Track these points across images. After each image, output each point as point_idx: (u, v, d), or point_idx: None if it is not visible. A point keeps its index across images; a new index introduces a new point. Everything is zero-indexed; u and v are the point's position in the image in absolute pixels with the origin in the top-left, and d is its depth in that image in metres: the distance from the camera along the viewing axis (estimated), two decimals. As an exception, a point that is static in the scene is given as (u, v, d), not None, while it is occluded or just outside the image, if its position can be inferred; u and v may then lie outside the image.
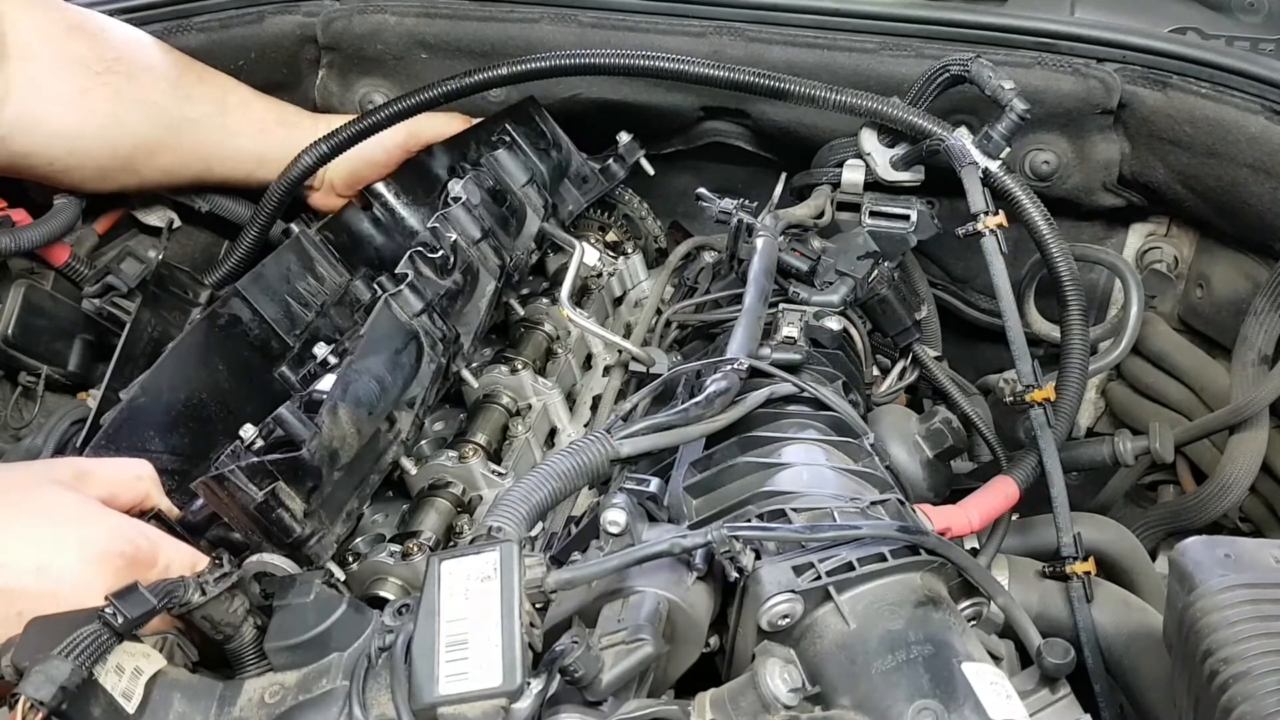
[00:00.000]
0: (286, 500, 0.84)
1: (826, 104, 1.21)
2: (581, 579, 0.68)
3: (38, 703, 0.58)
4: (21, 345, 1.12)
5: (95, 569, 0.71)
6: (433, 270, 1.10)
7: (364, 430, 0.92)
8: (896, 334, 1.26)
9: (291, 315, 1.14)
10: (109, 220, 1.30)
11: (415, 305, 1.04)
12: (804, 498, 0.81)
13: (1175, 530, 1.23)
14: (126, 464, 0.85)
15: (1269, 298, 1.14)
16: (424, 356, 1.03)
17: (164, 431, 0.96)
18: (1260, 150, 1.12)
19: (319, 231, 1.25)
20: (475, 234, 1.18)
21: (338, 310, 1.19)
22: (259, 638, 0.75)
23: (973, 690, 0.63)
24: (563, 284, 1.20)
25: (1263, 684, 0.59)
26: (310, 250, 1.21)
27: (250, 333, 1.10)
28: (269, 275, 1.14)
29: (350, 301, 1.21)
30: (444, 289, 1.10)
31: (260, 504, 0.82)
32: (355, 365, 0.93)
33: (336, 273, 1.23)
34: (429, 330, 1.05)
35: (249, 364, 1.07)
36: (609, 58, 1.23)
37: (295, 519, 0.84)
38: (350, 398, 0.91)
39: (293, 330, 1.13)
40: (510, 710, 0.58)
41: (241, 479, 0.82)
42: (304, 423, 0.88)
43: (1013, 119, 1.10)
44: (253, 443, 0.89)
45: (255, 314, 1.10)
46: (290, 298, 1.15)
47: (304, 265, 1.20)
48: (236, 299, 1.09)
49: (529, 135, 1.41)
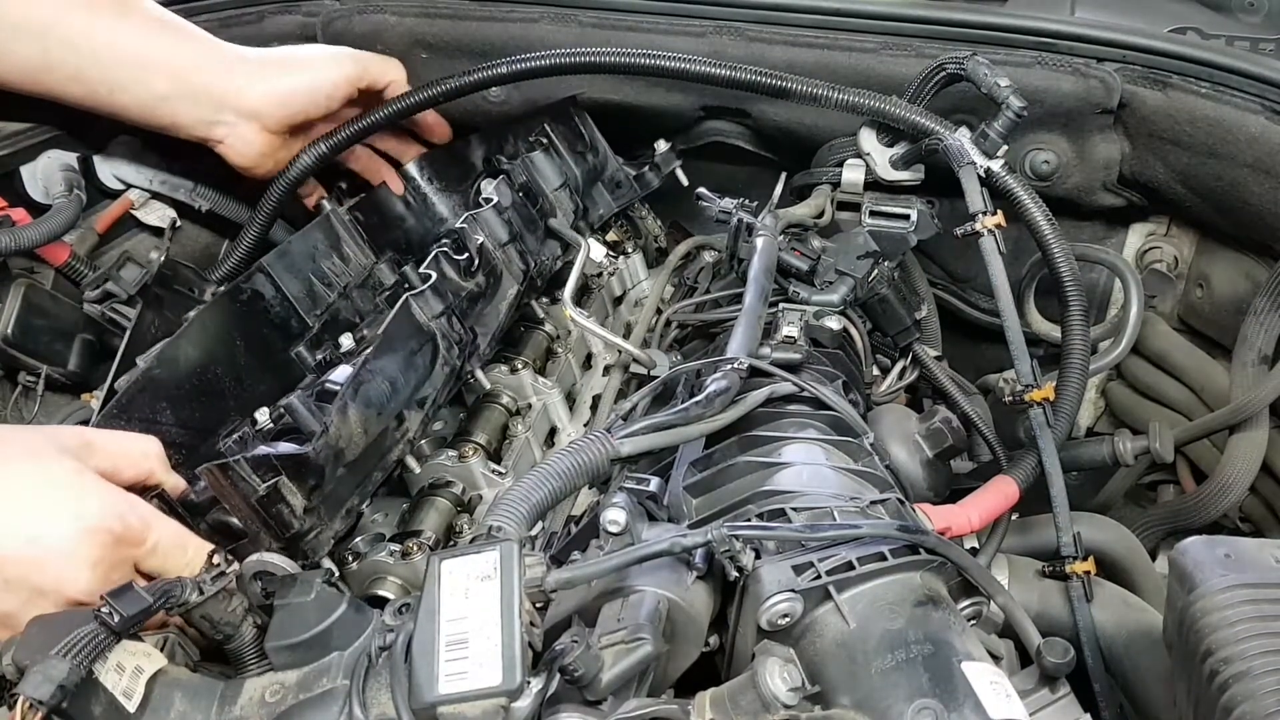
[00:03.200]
0: (288, 495, 0.84)
1: (828, 103, 1.21)
2: (581, 578, 0.68)
3: (37, 702, 0.58)
4: (21, 345, 1.11)
5: (85, 542, 0.72)
6: (456, 271, 1.09)
7: (371, 430, 0.92)
8: (896, 334, 1.26)
9: (314, 294, 1.13)
10: (109, 219, 1.30)
11: (436, 307, 1.04)
12: (804, 497, 0.81)
13: (1175, 530, 1.23)
14: (134, 440, 0.85)
15: (1269, 298, 1.14)
16: (439, 358, 1.03)
17: (176, 404, 0.96)
18: (1260, 150, 1.12)
19: (349, 211, 1.24)
20: (503, 237, 1.18)
21: (360, 293, 1.18)
22: (259, 637, 0.75)
23: (972, 690, 0.63)
24: (565, 282, 1.20)
25: (1263, 684, 0.59)
26: (339, 229, 1.20)
27: (271, 309, 1.08)
28: (295, 252, 1.12)
29: (373, 285, 1.20)
30: (466, 291, 1.09)
31: (262, 497, 0.83)
32: (369, 365, 0.93)
33: (362, 254, 1.21)
34: (446, 333, 1.05)
35: (267, 341, 1.06)
36: (609, 56, 1.23)
37: (295, 514, 0.85)
38: (361, 398, 0.91)
39: (313, 310, 1.12)
40: (510, 709, 0.58)
41: (245, 470, 0.82)
42: (314, 414, 0.88)
43: (1009, 116, 1.10)
44: (264, 428, 0.89)
45: (278, 291, 1.09)
46: (314, 276, 1.13)
47: (331, 244, 1.18)
48: (261, 275, 1.08)
49: (567, 136, 1.41)
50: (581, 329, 1.23)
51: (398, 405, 0.97)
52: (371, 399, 0.92)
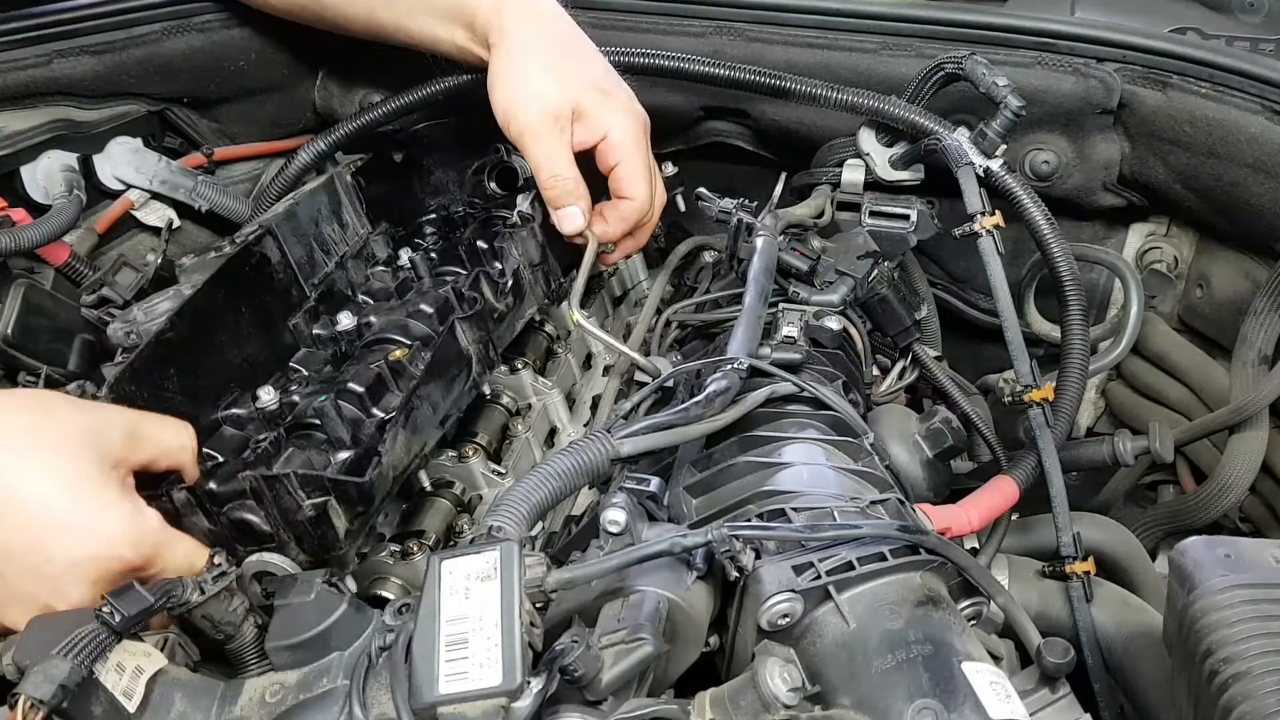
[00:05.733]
0: (334, 518, 0.82)
1: (827, 102, 1.22)
2: (581, 579, 0.68)
3: (38, 701, 0.58)
4: (21, 345, 1.11)
5: (93, 563, 0.72)
6: (493, 293, 1.09)
7: (413, 453, 0.91)
8: (896, 334, 1.26)
9: (314, 261, 1.11)
10: (109, 219, 1.30)
11: (478, 332, 1.03)
12: (804, 497, 0.81)
13: (1175, 530, 1.23)
14: (174, 432, 0.83)
15: (1269, 298, 1.14)
16: (470, 381, 1.03)
17: (183, 371, 0.93)
18: (1260, 150, 1.12)
19: (353, 175, 1.23)
20: (536, 258, 1.17)
21: (354, 264, 1.17)
22: (260, 637, 0.75)
23: (973, 690, 0.63)
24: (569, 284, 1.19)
25: (1263, 684, 0.59)
26: (341, 193, 1.18)
27: (275, 276, 1.07)
28: (301, 215, 1.11)
29: (367, 256, 1.19)
30: (497, 312, 1.09)
31: (309, 517, 0.81)
32: (419, 391, 0.92)
33: (359, 221, 1.21)
34: (481, 358, 1.04)
35: (269, 309, 1.05)
36: (608, 55, 1.23)
37: (338, 537, 0.82)
38: (410, 424, 0.90)
39: (311, 278, 1.11)
40: (510, 710, 0.58)
41: (293, 485, 0.80)
42: (343, 421, 0.86)
43: (1007, 116, 1.10)
44: (266, 408, 0.88)
45: (283, 256, 1.07)
46: (315, 242, 1.12)
47: (333, 208, 1.17)
48: (269, 237, 1.06)
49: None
50: (586, 333, 1.23)
51: (434, 427, 0.96)
52: (418, 425, 0.92)
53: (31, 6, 1.24)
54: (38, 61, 1.22)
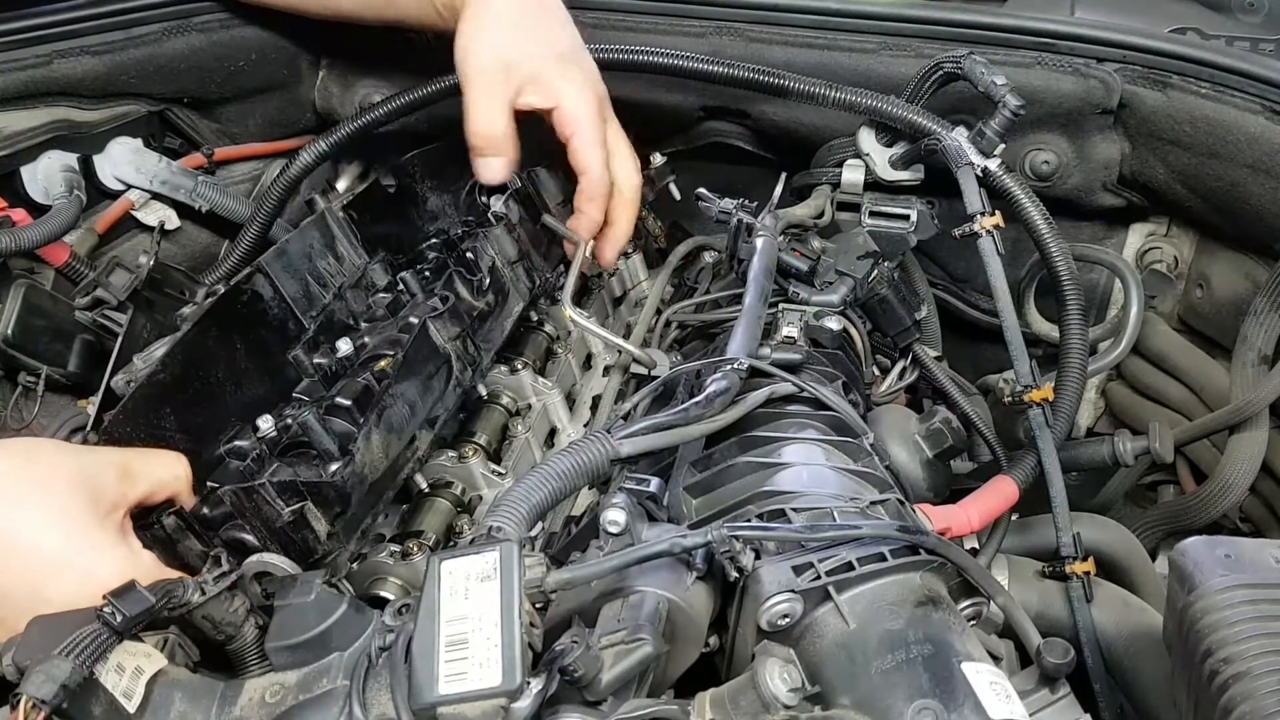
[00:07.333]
0: (313, 521, 0.83)
1: (826, 101, 1.22)
2: (581, 579, 0.68)
3: (39, 701, 0.58)
4: (21, 345, 1.11)
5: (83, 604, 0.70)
6: (469, 291, 1.09)
7: (391, 453, 0.92)
8: (896, 334, 1.26)
9: (310, 295, 1.12)
10: (109, 220, 1.30)
11: (453, 329, 1.03)
12: (804, 497, 0.81)
13: (1175, 530, 1.23)
14: (168, 465, 0.84)
15: (1269, 298, 1.14)
16: (453, 380, 1.03)
17: (180, 409, 0.94)
18: (1260, 150, 1.12)
19: (344, 210, 1.23)
20: (512, 255, 1.17)
21: (353, 293, 1.17)
22: (260, 637, 0.75)
23: (972, 690, 0.63)
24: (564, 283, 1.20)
25: (1263, 684, 0.59)
26: (333, 227, 1.19)
27: (270, 311, 1.07)
28: (292, 252, 1.11)
29: (366, 285, 1.19)
30: (477, 310, 1.09)
31: (288, 523, 0.82)
32: (392, 390, 0.92)
33: (355, 253, 1.20)
34: (461, 354, 1.04)
35: (266, 344, 1.05)
36: (609, 54, 1.23)
37: (319, 540, 0.84)
38: (384, 422, 0.90)
39: (309, 311, 1.11)
40: (510, 710, 0.58)
41: (270, 494, 0.81)
42: (329, 432, 0.87)
43: (1006, 115, 1.10)
44: (267, 436, 0.88)
45: (276, 292, 1.08)
46: (310, 277, 1.12)
47: (326, 243, 1.17)
48: (260, 275, 1.06)
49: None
50: (581, 329, 1.23)
51: (414, 428, 0.96)
52: (393, 424, 0.92)
53: (31, 6, 1.25)
54: (38, 61, 1.22)
